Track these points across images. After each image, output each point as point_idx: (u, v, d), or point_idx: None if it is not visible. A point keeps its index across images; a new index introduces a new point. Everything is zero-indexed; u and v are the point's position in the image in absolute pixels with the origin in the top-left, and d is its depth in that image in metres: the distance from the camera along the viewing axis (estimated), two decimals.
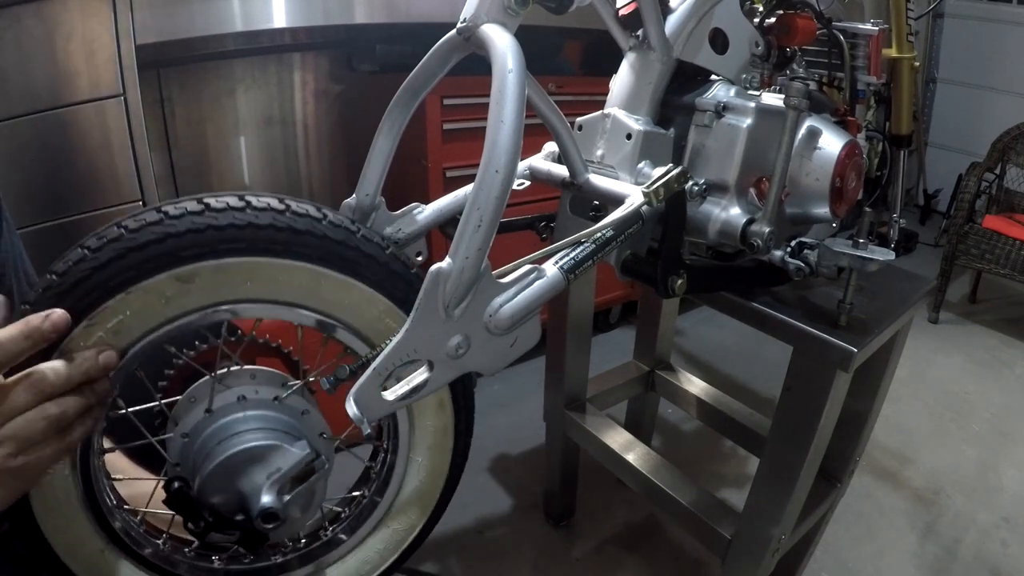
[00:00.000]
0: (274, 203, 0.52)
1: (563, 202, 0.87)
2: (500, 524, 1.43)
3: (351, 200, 0.67)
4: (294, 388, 0.59)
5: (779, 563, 1.02)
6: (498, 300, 0.53)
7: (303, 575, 0.69)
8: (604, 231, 0.61)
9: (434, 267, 0.50)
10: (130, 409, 0.56)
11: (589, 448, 1.26)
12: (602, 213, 0.68)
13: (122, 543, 0.58)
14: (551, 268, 0.56)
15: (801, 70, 0.90)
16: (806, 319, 0.80)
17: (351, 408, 0.49)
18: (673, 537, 1.42)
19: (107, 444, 0.58)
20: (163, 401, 0.57)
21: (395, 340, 0.51)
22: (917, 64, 1.15)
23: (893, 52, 1.13)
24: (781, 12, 0.85)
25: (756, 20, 0.85)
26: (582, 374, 1.31)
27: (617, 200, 0.68)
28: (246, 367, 0.58)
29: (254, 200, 0.52)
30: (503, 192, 0.50)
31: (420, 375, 0.53)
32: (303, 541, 0.70)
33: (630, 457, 1.16)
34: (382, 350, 0.51)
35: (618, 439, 1.21)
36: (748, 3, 0.85)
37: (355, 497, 0.71)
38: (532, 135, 0.60)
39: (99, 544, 0.57)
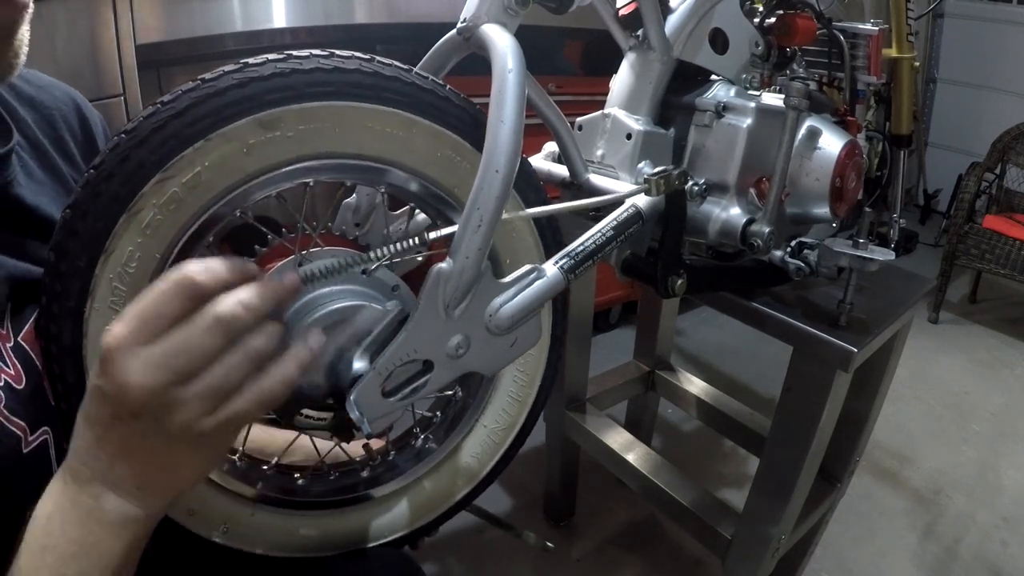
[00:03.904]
0: (359, 54, 0.51)
1: (563, 202, 0.87)
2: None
3: (351, 200, 0.67)
4: (384, 260, 0.53)
5: (779, 563, 1.02)
6: (498, 300, 0.53)
7: (393, 488, 0.64)
8: (604, 231, 0.61)
9: (435, 267, 0.50)
10: None
11: (589, 448, 1.26)
12: (602, 213, 0.68)
13: None
14: (551, 268, 0.56)
15: (801, 70, 0.90)
16: (806, 319, 0.80)
17: (352, 410, 0.49)
18: (673, 537, 1.42)
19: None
20: None
21: (396, 340, 0.50)
22: (917, 64, 1.15)
23: (893, 52, 1.12)
24: (781, 12, 0.85)
25: (756, 20, 0.85)
26: (582, 374, 1.31)
27: (617, 200, 0.68)
28: (327, 248, 0.54)
29: (338, 52, 0.50)
30: (503, 192, 0.50)
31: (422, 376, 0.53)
32: (391, 453, 0.66)
33: (630, 457, 1.16)
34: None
35: (618, 439, 1.21)
36: (748, 3, 0.85)
37: (448, 398, 0.67)
38: (532, 135, 0.60)
39: None
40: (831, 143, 0.76)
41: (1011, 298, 2.70)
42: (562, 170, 0.81)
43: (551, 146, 0.89)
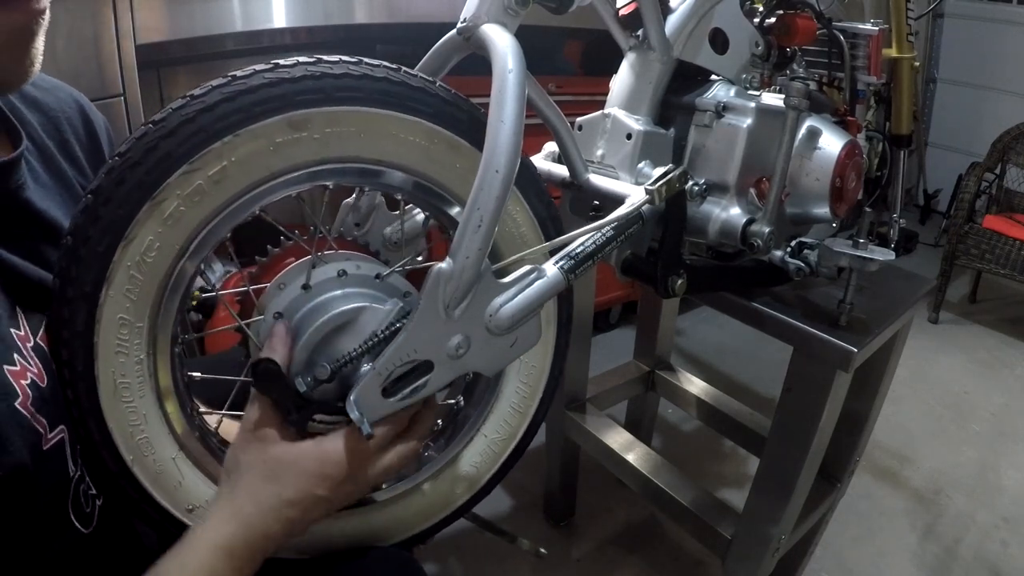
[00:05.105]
0: (387, 63, 0.52)
1: (563, 202, 0.87)
2: (500, 524, 1.43)
3: (351, 200, 0.67)
4: (397, 267, 0.56)
5: (779, 563, 1.02)
6: (498, 300, 0.53)
7: (392, 494, 0.65)
8: (604, 231, 0.61)
9: (435, 267, 0.50)
10: (221, 292, 0.55)
11: (589, 448, 1.26)
12: (602, 213, 0.68)
13: (194, 451, 0.54)
14: (551, 268, 0.56)
15: (801, 70, 0.90)
16: (806, 319, 0.80)
17: (351, 410, 0.49)
18: (673, 537, 1.42)
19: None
20: (252, 287, 0.54)
21: (396, 341, 0.50)
22: (917, 64, 1.15)
23: (893, 52, 1.12)
24: (781, 12, 0.85)
25: (756, 20, 0.85)
26: (582, 374, 1.31)
27: (618, 200, 0.68)
28: (341, 251, 0.56)
29: (367, 59, 0.51)
30: (503, 192, 0.50)
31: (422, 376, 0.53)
32: None
33: (630, 457, 1.16)
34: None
35: (618, 439, 1.21)
36: (748, 3, 0.85)
37: (449, 406, 0.68)
38: (532, 135, 0.60)
39: (171, 452, 0.52)
40: (831, 143, 0.76)
41: (1011, 298, 2.70)
42: (562, 170, 0.81)
43: (551, 146, 0.89)
